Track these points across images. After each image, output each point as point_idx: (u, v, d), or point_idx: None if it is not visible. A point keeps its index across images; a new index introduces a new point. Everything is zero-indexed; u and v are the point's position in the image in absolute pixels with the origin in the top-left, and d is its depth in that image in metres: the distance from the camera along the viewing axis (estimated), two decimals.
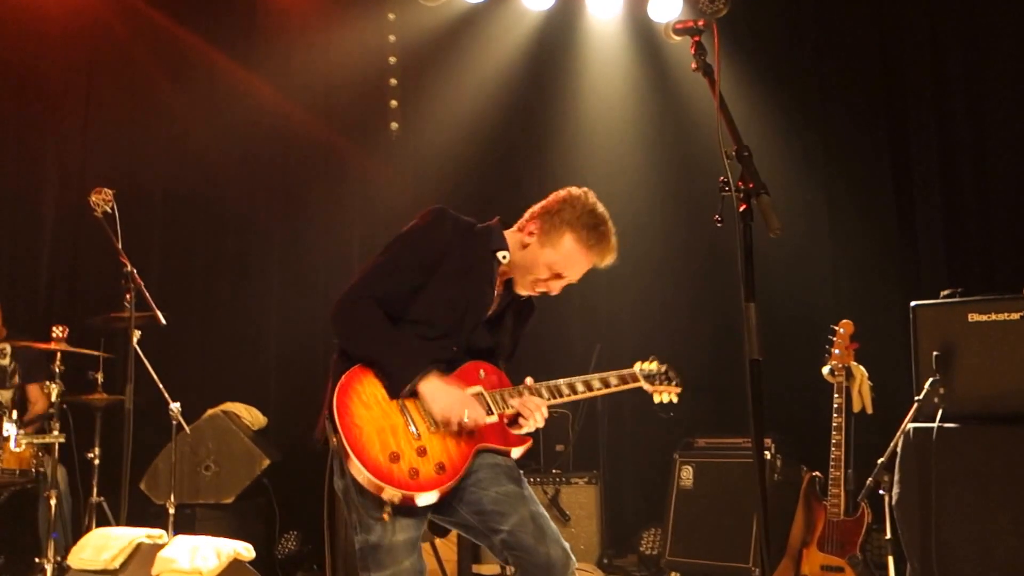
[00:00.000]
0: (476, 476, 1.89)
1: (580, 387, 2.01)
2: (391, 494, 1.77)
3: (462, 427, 1.84)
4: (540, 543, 1.85)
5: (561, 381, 2.00)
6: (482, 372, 1.98)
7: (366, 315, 1.86)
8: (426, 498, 1.80)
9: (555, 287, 1.99)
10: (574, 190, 2.01)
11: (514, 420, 1.96)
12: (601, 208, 1.98)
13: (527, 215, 2.02)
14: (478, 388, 1.94)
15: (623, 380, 2.07)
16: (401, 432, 1.82)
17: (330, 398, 1.83)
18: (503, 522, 1.87)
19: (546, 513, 1.92)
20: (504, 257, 1.97)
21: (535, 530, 1.86)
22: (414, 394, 1.85)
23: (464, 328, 1.94)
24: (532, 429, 1.97)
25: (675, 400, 2.13)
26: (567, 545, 1.90)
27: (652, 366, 2.12)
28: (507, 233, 2.03)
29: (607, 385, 2.04)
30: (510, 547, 1.87)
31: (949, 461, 2.73)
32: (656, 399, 2.13)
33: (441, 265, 1.91)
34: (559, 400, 2.00)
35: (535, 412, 1.93)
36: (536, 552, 1.85)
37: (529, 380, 2.00)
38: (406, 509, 1.81)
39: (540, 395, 1.97)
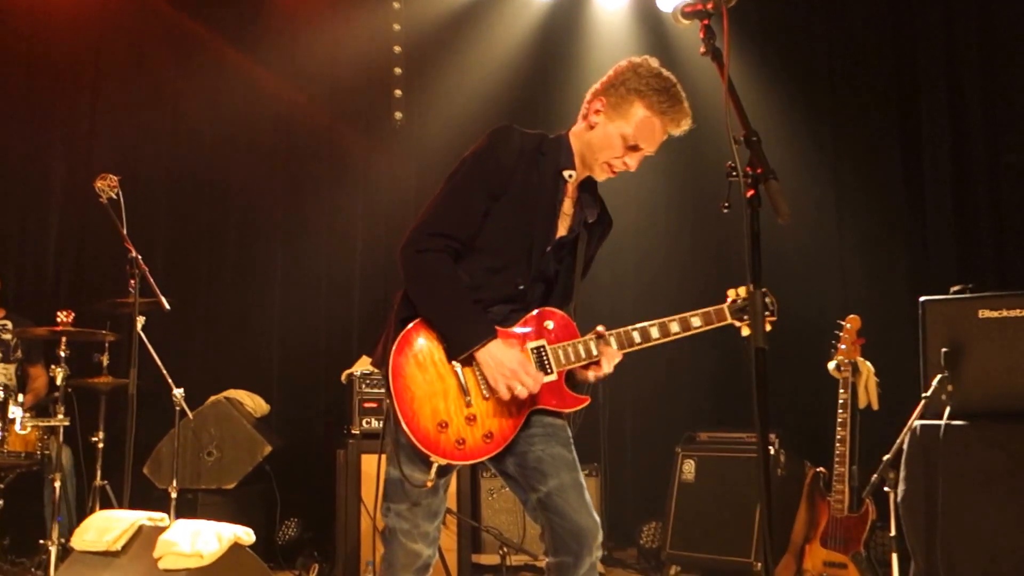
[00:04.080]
0: (528, 431, 1.87)
1: (655, 333, 1.86)
2: (436, 460, 1.79)
3: (515, 396, 1.81)
4: (574, 511, 1.86)
5: (633, 328, 1.86)
6: (549, 323, 1.89)
7: (433, 267, 1.81)
8: (468, 463, 1.83)
9: (632, 162, 1.88)
10: (634, 58, 1.88)
11: (587, 365, 1.89)
12: (667, 72, 1.87)
13: (589, 96, 1.91)
14: (541, 342, 1.87)
15: (707, 320, 1.87)
16: (452, 397, 1.80)
17: (388, 351, 1.81)
18: (543, 482, 1.86)
19: (584, 483, 1.90)
20: (570, 176, 1.88)
21: (572, 497, 1.86)
22: (471, 359, 1.81)
23: (531, 258, 1.88)
24: (602, 376, 1.89)
25: (768, 328, 1.83)
26: (598, 518, 1.89)
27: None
28: (574, 132, 1.93)
29: (687, 327, 1.86)
30: (545, 508, 1.87)
31: (956, 458, 2.70)
32: (745, 332, 1.87)
33: (506, 190, 1.84)
34: (631, 349, 1.86)
35: (611, 362, 1.86)
36: (569, 518, 1.85)
37: (600, 328, 1.89)
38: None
39: (610, 345, 1.87)
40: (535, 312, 1.90)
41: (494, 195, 1.85)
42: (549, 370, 1.85)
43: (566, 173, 1.89)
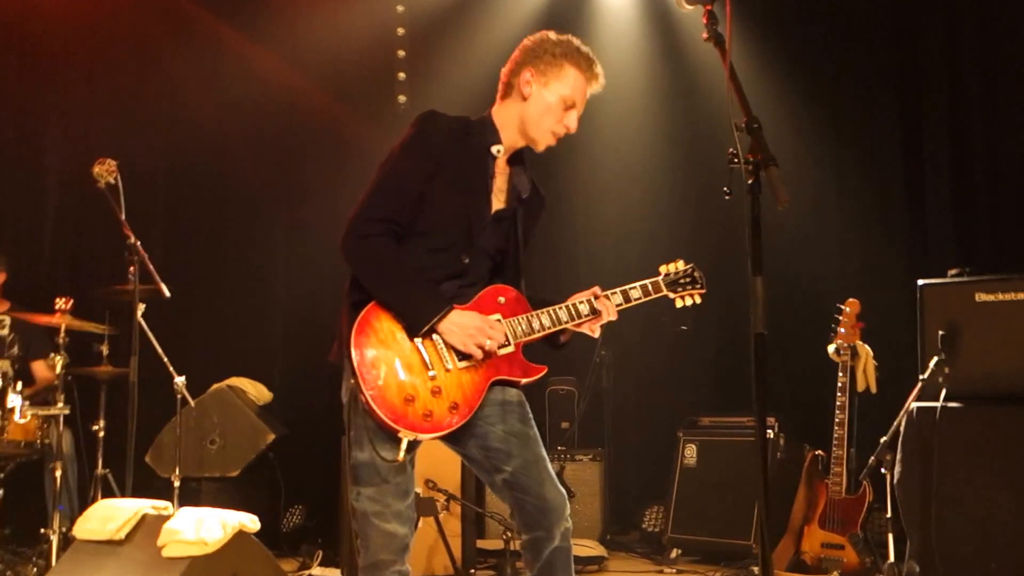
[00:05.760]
0: (485, 411, 1.90)
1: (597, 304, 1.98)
2: (405, 435, 1.80)
3: (487, 353, 1.85)
4: (540, 486, 1.88)
5: (580, 301, 1.97)
6: (501, 298, 1.95)
7: (378, 252, 1.85)
8: (436, 435, 1.84)
9: (572, 121, 1.99)
10: (534, 36, 2.02)
11: (551, 340, 1.97)
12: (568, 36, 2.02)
13: (505, 75, 2.00)
14: (497, 316, 1.92)
15: (645, 291, 2.02)
16: (417, 371, 1.83)
17: (347, 333, 1.82)
18: (507, 462, 1.89)
19: (547, 455, 1.94)
20: (498, 151, 1.96)
21: (537, 472, 1.89)
22: (432, 333, 1.84)
23: (472, 235, 1.92)
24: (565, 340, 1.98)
25: (698, 301, 2.07)
26: (564, 491, 1.93)
27: (678, 266, 2.08)
28: (497, 110, 2.01)
29: (628, 300, 2.00)
30: (511, 487, 1.90)
31: (951, 440, 2.73)
32: (679, 304, 2.07)
33: (439, 172, 1.89)
34: (579, 321, 1.96)
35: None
36: (536, 494, 1.88)
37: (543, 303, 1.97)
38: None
39: (558, 320, 1.95)
40: (488, 288, 1.95)
41: (428, 176, 1.88)
42: (507, 342, 1.90)
43: (494, 149, 1.95)
